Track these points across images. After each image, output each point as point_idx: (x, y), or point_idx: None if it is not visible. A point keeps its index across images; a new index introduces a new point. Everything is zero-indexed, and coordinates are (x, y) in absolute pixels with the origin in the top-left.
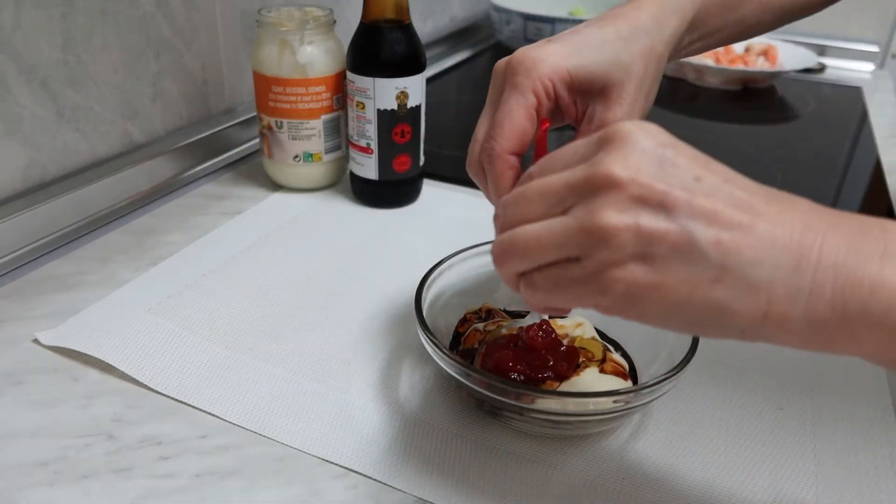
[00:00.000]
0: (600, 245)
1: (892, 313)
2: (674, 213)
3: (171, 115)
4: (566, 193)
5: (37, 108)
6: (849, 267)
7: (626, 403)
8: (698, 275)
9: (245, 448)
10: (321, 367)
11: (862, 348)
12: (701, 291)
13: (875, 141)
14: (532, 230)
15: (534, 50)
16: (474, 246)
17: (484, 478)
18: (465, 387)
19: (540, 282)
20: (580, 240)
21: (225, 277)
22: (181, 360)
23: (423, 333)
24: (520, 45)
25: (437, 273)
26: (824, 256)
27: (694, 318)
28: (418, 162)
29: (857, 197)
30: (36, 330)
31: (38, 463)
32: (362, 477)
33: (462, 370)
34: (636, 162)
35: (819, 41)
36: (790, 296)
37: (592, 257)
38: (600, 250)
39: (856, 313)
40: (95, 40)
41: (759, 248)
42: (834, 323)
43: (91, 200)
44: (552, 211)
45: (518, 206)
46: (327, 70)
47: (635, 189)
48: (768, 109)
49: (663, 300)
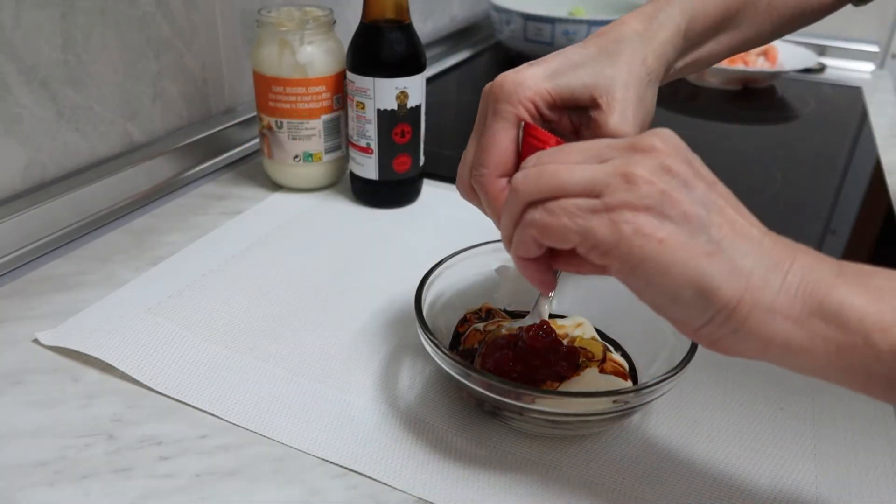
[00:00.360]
0: (626, 187)
1: (842, 311)
2: (694, 193)
3: (171, 115)
4: (607, 152)
5: (37, 108)
6: (812, 275)
7: (626, 403)
8: (698, 245)
9: (245, 448)
10: (321, 367)
11: (814, 354)
12: (696, 260)
13: (875, 141)
14: (566, 165)
15: (514, 74)
16: (474, 246)
17: (484, 478)
18: (465, 387)
19: (549, 210)
20: (610, 179)
21: (225, 277)
22: (181, 360)
23: (423, 334)
24: (520, 45)
25: (437, 273)
26: (795, 266)
27: (678, 288)
28: (418, 162)
29: (857, 197)
30: (36, 330)
31: (38, 463)
32: (362, 477)
33: (462, 370)
34: (673, 148)
35: (819, 41)
36: (765, 286)
37: (614, 195)
38: (624, 191)
39: (814, 310)
40: (95, 40)
41: (749, 244)
42: (794, 318)
43: (91, 200)
44: (589, 161)
45: (559, 153)
46: (327, 70)
47: (671, 161)
48: (768, 109)
49: (660, 257)
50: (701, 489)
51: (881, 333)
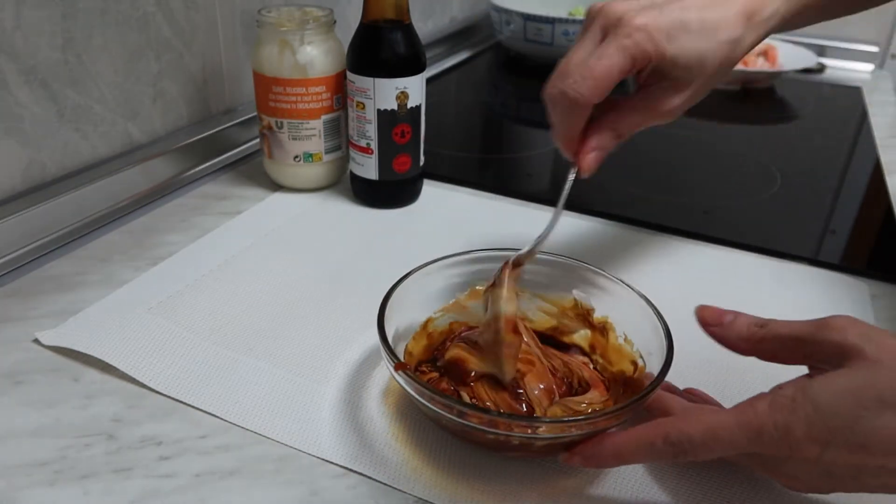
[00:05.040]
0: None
1: None
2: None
3: (171, 115)
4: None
5: (37, 108)
6: None
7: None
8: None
9: (245, 448)
10: (321, 366)
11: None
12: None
13: (875, 141)
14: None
15: (643, 19)
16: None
17: (484, 478)
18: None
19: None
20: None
21: (225, 277)
22: (181, 360)
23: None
24: (520, 45)
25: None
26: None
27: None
28: (418, 162)
29: (857, 197)
30: (36, 330)
31: (38, 463)
32: (362, 477)
33: (420, 391)
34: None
35: (819, 41)
36: None
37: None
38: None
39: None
40: (95, 40)
41: None
42: None
43: (91, 200)
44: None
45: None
46: (327, 70)
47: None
48: (768, 109)
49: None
50: (702, 489)
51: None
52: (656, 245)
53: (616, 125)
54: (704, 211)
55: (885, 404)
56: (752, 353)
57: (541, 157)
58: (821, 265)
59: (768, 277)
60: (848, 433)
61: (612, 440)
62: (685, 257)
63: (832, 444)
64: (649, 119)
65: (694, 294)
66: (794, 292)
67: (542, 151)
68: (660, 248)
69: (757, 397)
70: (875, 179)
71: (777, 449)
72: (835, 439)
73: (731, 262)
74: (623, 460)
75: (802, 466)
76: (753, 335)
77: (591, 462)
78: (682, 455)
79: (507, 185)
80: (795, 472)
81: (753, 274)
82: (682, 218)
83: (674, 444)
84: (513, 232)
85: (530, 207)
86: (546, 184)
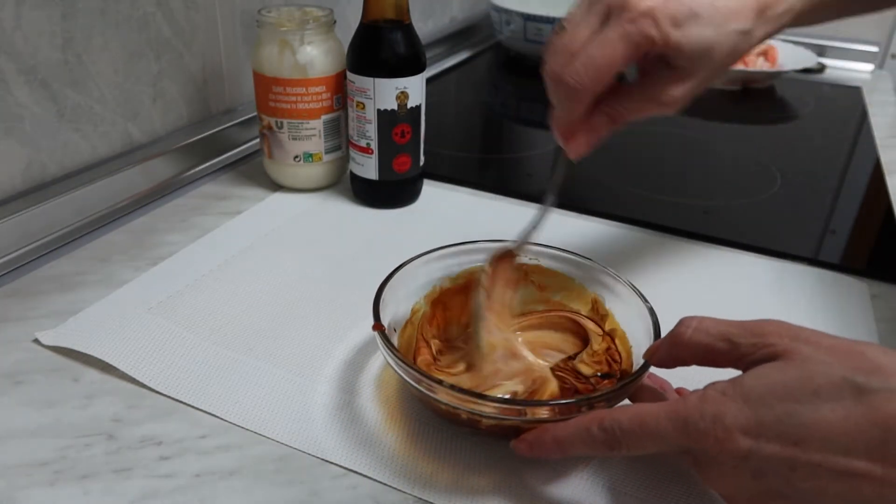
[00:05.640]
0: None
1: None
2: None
3: (171, 115)
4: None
5: (37, 108)
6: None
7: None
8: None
9: (245, 448)
10: (321, 367)
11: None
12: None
13: (875, 141)
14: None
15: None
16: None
17: (484, 478)
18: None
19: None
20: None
21: (225, 277)
22: (181, 360)
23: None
24: (520, 45)
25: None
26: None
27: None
28: (418, 162)
29: (857, 197)
30: (36, 330)
31: (38, 463)
32: (362, 477)
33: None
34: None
35: (819, 41)
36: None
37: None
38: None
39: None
40: (95, 40)
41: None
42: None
43: (91, 200)
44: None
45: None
46: (327, 70)
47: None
48: (768, 109)
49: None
50: (701, 489)
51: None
52: (656, 245)
53: (611, 110)
54: (704, 211)
55: (820, 396)
56: (688, 357)
57: (541, 157)
58: (821, 265)
59: (768, 277)
60: (781, 426)
61: (553, 429)
62: (685, 257)
63: (764, 437)
64: (647, 108)
65: (693, 294)
66: (794, 292)
67: (542, 151)
68: (659, 248)
69: (691, 392)
70: (875, 179)
71: (706, 441)
72: (767, 431)
73: (730, 262)
74: (563, 449)
75: (732, 465)
76: (686, 337)
77: (535, 450)
78: (615, 444)
79: (507, 185)
80: (726, 472)
81: (753, 274)
82: (682, 218)
83: (605, 431)
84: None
85: (530, 207)
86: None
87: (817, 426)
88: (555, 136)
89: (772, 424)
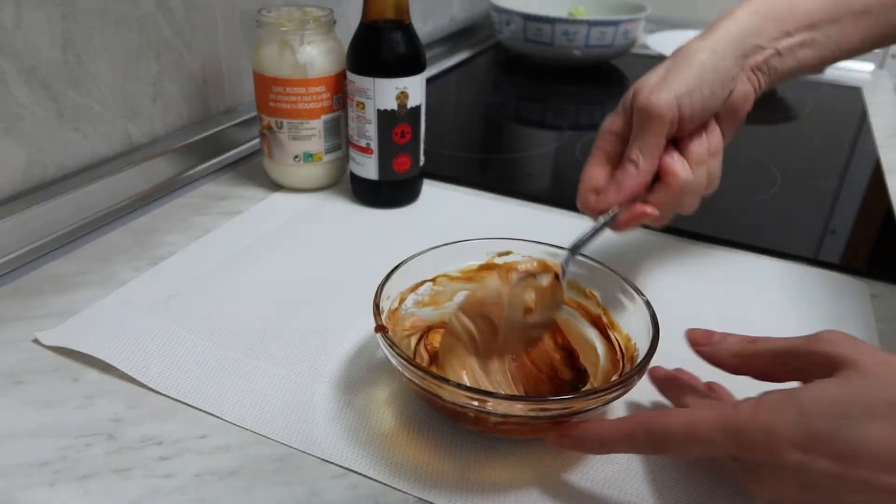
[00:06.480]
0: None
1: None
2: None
3: (171, 115)
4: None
5: (37, 108)
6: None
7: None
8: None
9: (245, 448)
10: (321, 367)
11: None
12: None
13: (875, 141)
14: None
15: (664, 93)
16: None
17: (484, 478)
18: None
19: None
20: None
21: (225, 277)
22: (181, 360)
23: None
24: (520, 45)
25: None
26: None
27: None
28: (418, 162)
29: (857, 197)
30: (36, 330)
31: (38, 463)
32: (362, 477)
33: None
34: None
35: None
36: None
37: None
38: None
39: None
40: (95, 40)
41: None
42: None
43: (91, 200)
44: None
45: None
46: (327, 70)
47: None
48: (768, 109)
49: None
50: (702, 489)
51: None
52: (655, 245)
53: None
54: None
55: (876, 415)
56: (743, 369)
57: (541, 157)
58: (821, 265)
59: (768, 277)
60: (833, 441)
61: (597, 427)
62: (685, 257)
63: (815, 451)
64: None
65: (693, 294)
66: (794, 292)
67: (542, 151)
68: (659, 247)
69: (743, 400)
70: (875, 179)
71: (757, 451)
72: (819, 446)
73: (730, 262)
74: (606, 448)
75: (780, 475)
76: (744, 350)
77: (576, 446)
78: (662, 448)
79: (507, 185)
80: (773, 481)
81: (753, 274)
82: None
83: (654, 436)
84: (513, 232)
85: (530, 207)
86: (546, 184)
87: (867, 444)
88: (586, 201)
89: (824, 440)
